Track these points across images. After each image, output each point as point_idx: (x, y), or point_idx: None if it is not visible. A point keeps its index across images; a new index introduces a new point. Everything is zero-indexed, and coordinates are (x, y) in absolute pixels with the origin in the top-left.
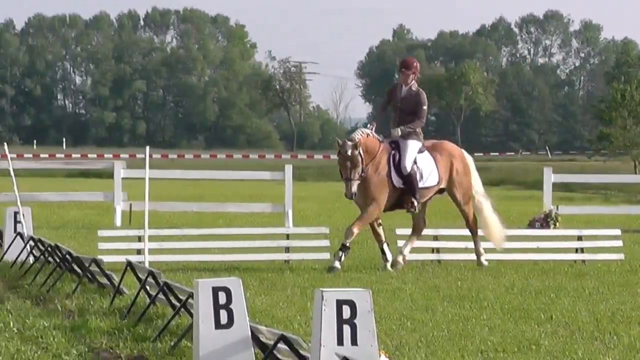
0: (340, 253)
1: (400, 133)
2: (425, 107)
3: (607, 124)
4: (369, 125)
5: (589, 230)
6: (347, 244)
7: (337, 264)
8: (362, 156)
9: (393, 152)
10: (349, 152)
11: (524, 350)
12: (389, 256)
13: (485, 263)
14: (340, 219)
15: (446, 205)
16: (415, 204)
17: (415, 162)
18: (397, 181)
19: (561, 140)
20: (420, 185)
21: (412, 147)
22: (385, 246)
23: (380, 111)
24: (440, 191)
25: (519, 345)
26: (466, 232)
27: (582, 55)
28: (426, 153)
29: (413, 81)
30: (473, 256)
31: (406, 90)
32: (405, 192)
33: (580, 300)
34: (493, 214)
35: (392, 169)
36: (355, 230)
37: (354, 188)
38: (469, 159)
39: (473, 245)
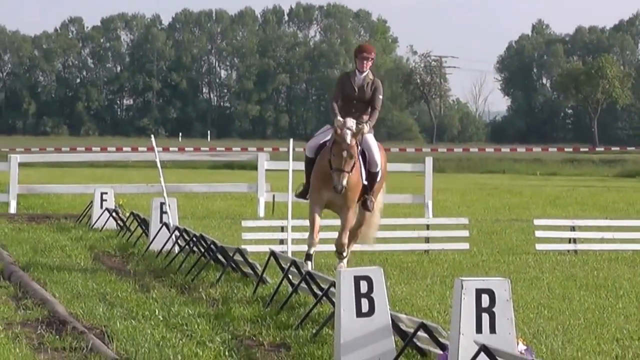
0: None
1: (366, 130)
2: (382, 97)
3: None
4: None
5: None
6: (343, 255)
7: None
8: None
9: (360, 147)
10: (348, 141)
11: None
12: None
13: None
14: (480, 210)
15: (584, 197)
16: (373, 202)
17: None
18: (364, 178)
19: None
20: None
21: (374, 141)
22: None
23: (336, 103)
24: None
25: None
26: (603, 222)
27: None
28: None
29: (369, 69)
30: (609, 246)
31: (362, 78)
32: (365, 190)
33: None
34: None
35: (362, 165)
36: (346, 240)
37: (345, 181)
38: None
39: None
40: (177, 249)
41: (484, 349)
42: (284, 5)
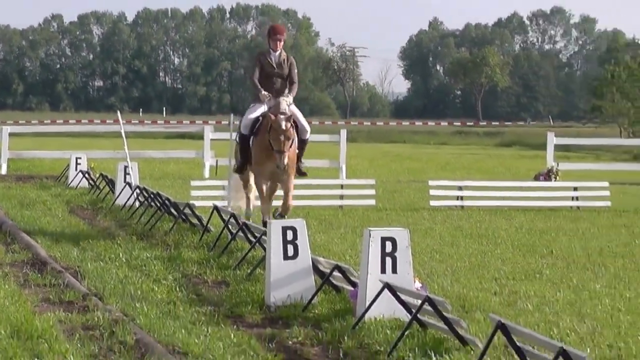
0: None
1: (290, 102)
2: (296, 71)
3: (599, 97)
4: (280, 98)
5: (583, 183)
6: (279, 217)
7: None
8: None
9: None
10: (283, 126)
11: (529, 278)
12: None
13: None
14: (385, 173)
15: (469, 163)
16: (302, 167)
17: None
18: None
19: (561, 111)
20: None
21: (298, 110)
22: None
23: (257, 80)
24: None
25: (526, 274)
26: (485, 183)
27: (580, 42)
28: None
29: (282, 48)
30: (490, 202)
31: (277, 56)
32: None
33: (575, 238)
34: None
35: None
36: (292, 203)
37: (286, 160)
38: None
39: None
40: (137, 204)
41: (387, 286)
42: (226, 5)
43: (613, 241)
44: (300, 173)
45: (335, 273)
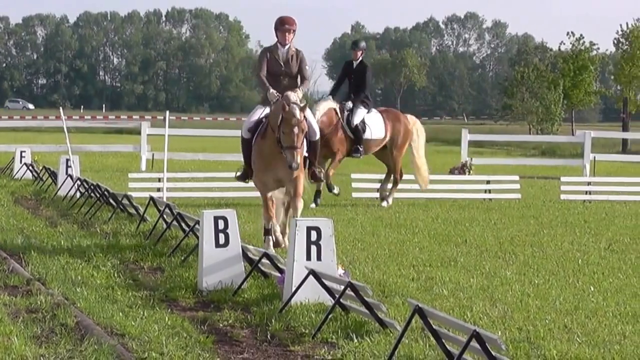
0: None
1: (300, 97)
2: (309, 67)
3: (510, 97)
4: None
5: (495, 176)
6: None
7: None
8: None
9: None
10: (298, 116)
11: (445, 265)
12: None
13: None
14: None
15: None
16: (317, 172)
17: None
18: (305, 150)
19: (475, 109)
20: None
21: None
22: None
23: (264, 77)
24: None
25: (442, 262)
26: (404, 176)
27: (492, 45)
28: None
29: (291, 41)
30: (408, 195)
31: (285, 51)
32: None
33: (487, 228)
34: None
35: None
36: (300, 205)
37: (300, 158)
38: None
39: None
40: (78, 194)
41: (312, 272)
42: (162, 8)
43: (523, 231)
44: (316, 178)
45: (264, 260)
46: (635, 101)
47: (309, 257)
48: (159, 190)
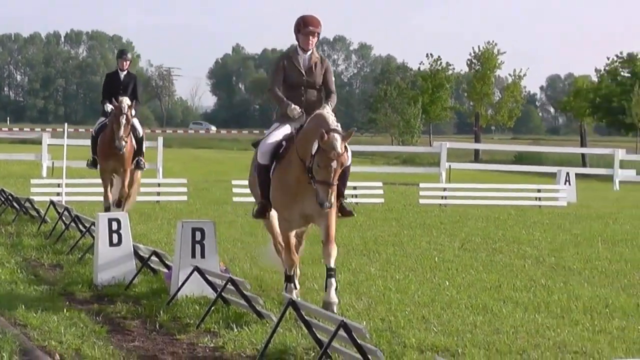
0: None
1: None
2: (333, 79)
3: (374, 112)
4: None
5: (361, 183)
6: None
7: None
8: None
9: None
10: (339, 149)
11: (315, 262)
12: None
13: None
14: (196, 174)
15: None
16: (346, 204)
17: None
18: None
19: (343, 123)
20: None
21: None
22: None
23: (279, 91)
24: None
25: (312, 259)
26: None
27: (359, 65)
28: None
29: (314, 46)
30: None
31: (307, 58)
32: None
33: (354, 229)
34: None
35: None
36: (334, 252)
37: (333, 196)
38: None
39: None
40: None
41: (196, 269)
42: (62, 31)
43: (385, 232)
44: (345, 213)
45: (153, 258)
46: (486, 116)
47: (193, 255)
48: (58, 194)
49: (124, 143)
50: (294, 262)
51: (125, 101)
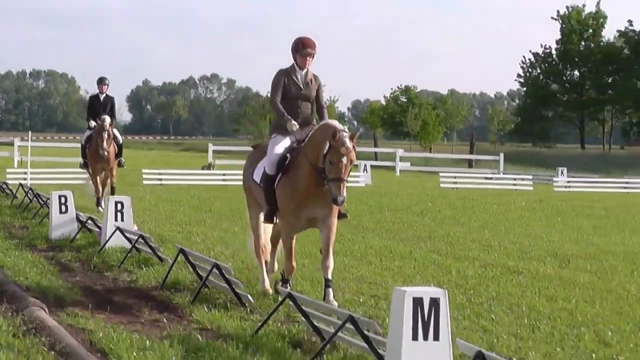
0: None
1: None
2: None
3: (238, 124)
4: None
5: (230, 171)
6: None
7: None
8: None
9: None
10: (348, 144)
11: (198, 224)
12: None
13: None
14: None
15: (167, 160)
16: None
17: None
18: None
19: (216, 132)
20: None
21: None
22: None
23: (280, 104)
24: None
25: (196, 222)
26: (176, 170)
27: (227, 93)
28: None
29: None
30: (176, 182)
31: (304, 75)
32: None
33: (225, 202)
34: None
35: None
36: (332, 261)
37: (345, 192)
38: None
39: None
40: None
41: (118, 228)
42: (27, 69)
43: (244, 202)
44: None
45: (89, 222)
46: None
47: (116, 219)
48: (25, 179)
49: (106, 153)
50: (293, 268)
51: (107, 120)
